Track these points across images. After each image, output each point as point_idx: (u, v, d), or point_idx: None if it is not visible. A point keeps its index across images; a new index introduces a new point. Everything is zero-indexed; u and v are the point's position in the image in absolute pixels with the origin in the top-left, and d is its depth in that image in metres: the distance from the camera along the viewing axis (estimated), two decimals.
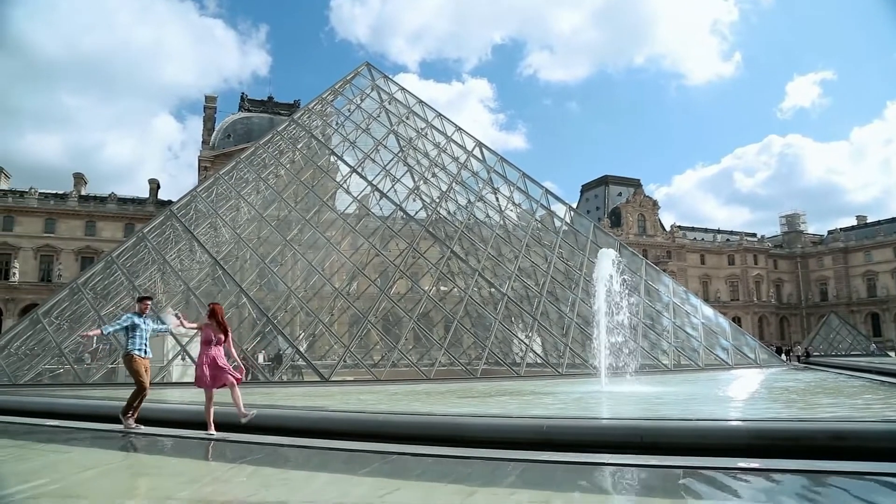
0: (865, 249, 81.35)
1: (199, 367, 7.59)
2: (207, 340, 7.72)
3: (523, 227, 27.17)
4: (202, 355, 7.62)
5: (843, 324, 63.90)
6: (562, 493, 4.72)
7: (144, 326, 8.24)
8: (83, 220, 59.04)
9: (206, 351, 7.63)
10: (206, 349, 7.64)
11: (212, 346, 7.68)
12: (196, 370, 7.71)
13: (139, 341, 8.14)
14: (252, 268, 24.74)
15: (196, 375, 7.68)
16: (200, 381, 7.57)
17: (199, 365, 7.60)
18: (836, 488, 4.72)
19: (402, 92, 31.12)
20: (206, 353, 7.61)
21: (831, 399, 12.05)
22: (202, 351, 7.66)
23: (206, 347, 7.66)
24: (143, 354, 8.19)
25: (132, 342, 8.10)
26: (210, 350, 7.64)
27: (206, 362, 7.54)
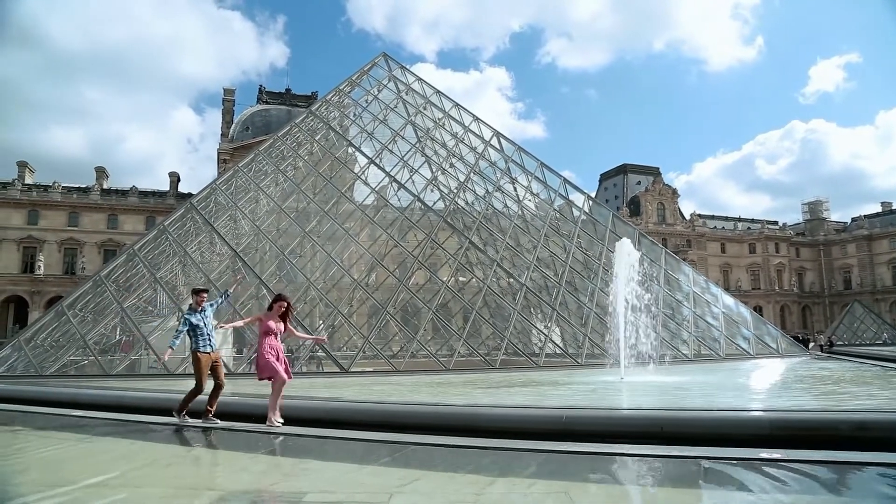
0: (891, 236, 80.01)
1: (262, 356, 7.41)
2: (268, 331, 7.53)
3: (542, 217, 27.08)
4: (264, 345, 7.45)
5: (867, 312, 63.12)
6: (581, 483, 4.71)
7: (205, 321, 8.05)
8: (105, 213, 59.75)
9: (268, 341, 7.46)
10: (267, 339, 7.47)
11: (273, 336, 7.53)
12: (259, 359, 7.49)
13: (202, 338, 7.94)
14: (271, 259, 24.91)
15: (259, 365, 7.48)
16: (265, 370, 7.40)
17: (262, 354, 7.42)
18: (859, 479, 4.66)
19: (419, 82, 31.06)
20: (270, 344, 7.45)
21: (855, 389, 11.91)
22: (263, 341, 7.49)
23: (268, 338, 7.48)
24: (210, 350, 7.97)
25: (196, 341, 7.95)
26: (274, 340, 7.51)
27: (271, 353, 7.40)
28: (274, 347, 7.47)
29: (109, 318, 20.44)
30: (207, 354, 7.89)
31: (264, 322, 7.62)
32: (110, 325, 21.45)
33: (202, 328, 7.95)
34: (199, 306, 8.08)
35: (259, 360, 7.47)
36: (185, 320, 8.01)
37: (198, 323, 7.94)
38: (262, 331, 7.55)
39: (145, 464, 5.66)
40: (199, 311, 8.05)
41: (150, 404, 9.44)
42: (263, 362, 7.38)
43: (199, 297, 8.14)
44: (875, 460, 4.92)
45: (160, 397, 9.93)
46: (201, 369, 7.81)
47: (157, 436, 7.43)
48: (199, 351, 7.86)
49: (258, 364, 7.48)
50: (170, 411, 8.12)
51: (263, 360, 7.39)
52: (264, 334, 7.51)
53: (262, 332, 7.54)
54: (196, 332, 7.92)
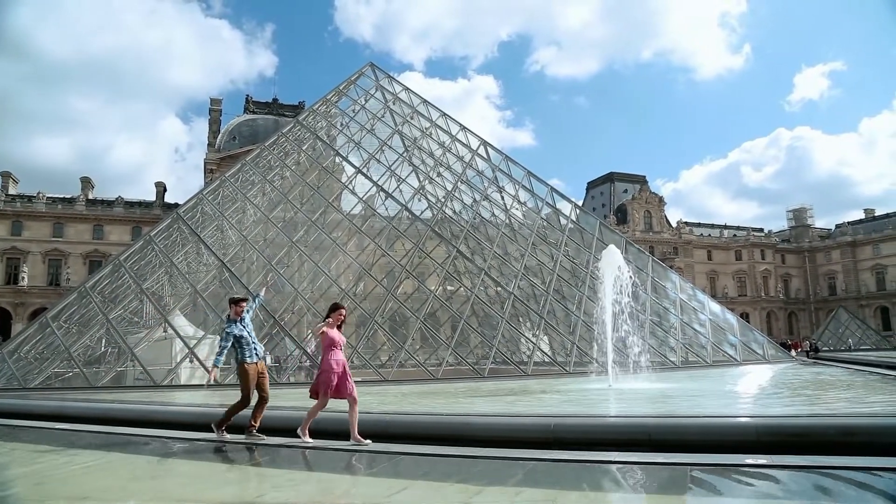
0: (874, 243, 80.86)
1: (327, 372, 6.80)
2: (332, 344, 6.98)
3: (529, 226, 27.17)
4: (328, 360, 6.86)
5: (852, 318, 63.74)
6: (568, 491, 4.72)
7: (247, 330, 7.67)
8: (91, 223, 59.34)
9: (333, 356, 6.89)
10: (332, 353, 6.91)
11: (337, 349, 7.00)
12: (321, 375, 6.87)
13: (248, 348, 7.57)
14: (259, 269, 24.80)
15: (320, 381, 6.85)
16: (324, 386, 6.79)
17: (327, 371, 6.81)
18: (844, 484, 4.69)
19: (406, 92, 31.14)
20: (335, 359, 6.88)
21: (840, 394, 12.00)
22: (327, 355, 6.91)
23: (332, 351, 6.93)
24: (255, 359, 7.58)
25: (241, 352, 7.54)
26: (338, 355, 6.95)
27: (336, 370, 6.82)
28: (340, 363, 6.91)
29: (95, 329, 20.26)
30: (254, 364, 7.53)
31: (328, 333, 7.06)
32: (95, 337, 21.28)
33: (246, 338, 7.60)
34: (239, 316, 7.72)
35: (322, 375, 6.87)
36: (228, 334, 7.56)
37: (241, 333, 7.58)
38: (327, 343, 7.00)
39: (131, 479, 5.61)
40: (239, 321, 7.68)
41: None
42: (326, 379, 6.80)
43: (239, 307, 7.78)
44: (861, 465, 4.96)
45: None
46: (249, 381, 7.41)
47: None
48: (246, 362, 7.48)
49: (320, 380, 6.88)
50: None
51: (328, 377, 6.80)
52: (329, 347, 6.98)
53: (328, 346, 6.99)
54: (241, 342, 7.56)
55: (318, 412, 6.93)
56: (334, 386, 6.78)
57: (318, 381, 6.91)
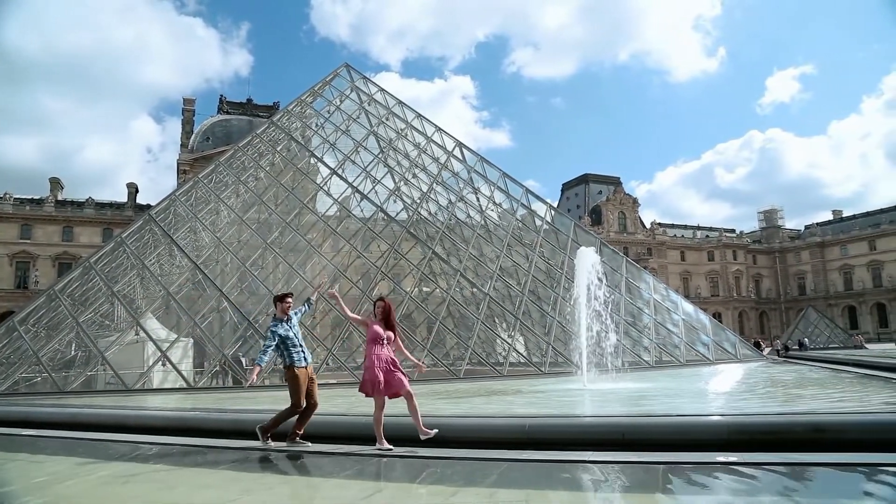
0: (841, 244, 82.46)
1: (369, 370, 6.45)
2: (375, 338, 6.60)
3: (504, 227, 27.24)
4: (371, 357, 6.50)
5: (820, 317, 64.74)
6: (543, 491, 4.74)
7: (294, 330, 7.12)
8: (60, 225, 58.26)
9: (375, 351, 6.52)
10: (374, 348, 6.54)
11: (381, 344, 6.58)
12: (367, 373, 6.49)
13: (296, 350, 7.01)
14: (233, 271, 24.58)
15: (364, 379, 6.51)
16: (370, 385, 6.43)
17: (369, 368, 6.46)
18: (814, 480, 4.77)
19: (381, 93, 31.06)
20: (377, 354, 6.50)
21: (809, 392, 12.19)
22: (370, 351, 6.55)
23: (375, 346, 6.56)
24: (304, 364, 7.02)
25: (289, 355, 6.98)
26: (381, 350, 6.55)
27: (378, 365, 6.43)
28: (382, 358, 6.51)
29: (64, 333, 19.92)
30: (304, 369, 6.98)
31: (371, 327, 6.68)
32: (65, 341, 20.92)
33: (293, 339, 7.03)
34: (285, 315, 7.16)
35: (367, 373, 6.50)
36: (273, 332, 7.01)
37: (286, 334, 7.01)
38: (370, 338, 6.63)
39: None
40: (286, 321, 7.12)
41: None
42: (371, 377, 6.43)
43: (285, 304, 7.19)
44: (830, 461, 5.05)
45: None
46: (299, 386, 6.87)
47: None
48: (296, 366, 6.92)
49: (365, 378, 6.52)
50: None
51: (373, 374, 6.42)
52: (373, 342, 6.59)
53: (371, 340, 6.61)
54: (287, 343, 6.99)
55: (381, 414, 6.47)
56: (382, 382, 6.37)
57: (363, 381, 6.55)
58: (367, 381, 6.43)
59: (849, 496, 4.27)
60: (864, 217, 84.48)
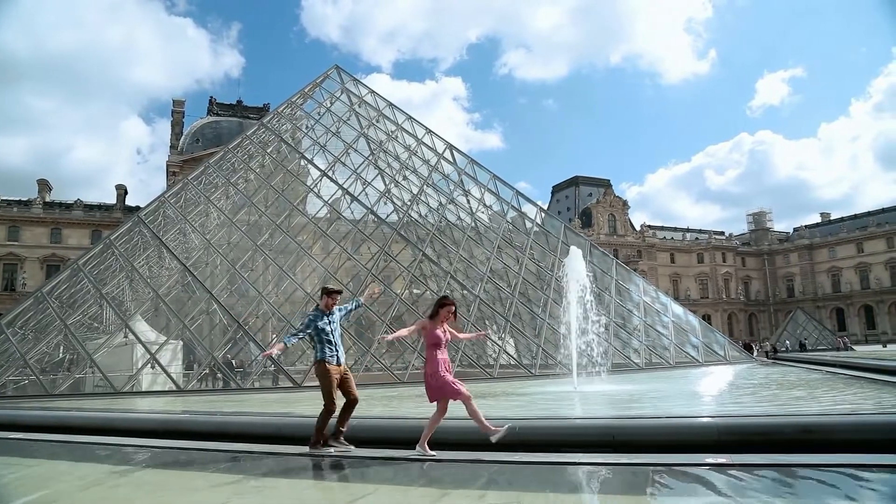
0: (829, 246, 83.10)
1: (436, 375, 6.10)
2: (437, 342, 6.26)
3: (494, 229, 27.28)
4: (435, 361, 6.16)
5: (809, 319, 65.21)
6: (533, 493, 4.74)
7: (333, 326, 6.74)
8: (48, 227, 57.88)
9: (438, 355, 6.19)
10: (436, 352, 6.21)
11: (442, 348, 6.30)
12: (433, 380, 6.12)
13: (329, 346, 6.63)
14: (222, 273, 24.51)
15: (433, 386, 6.13)
16: (441, 391, 6.10)
17: (434, 373, 6.12)
18: (803, 481, 4.80)
19: (371, 95, 31.05)
20: (441, 359, 6.18)
21: (798, 393, 12.26)
22: (432, 355, 6.21)
23: (438, 350, 6.23)
24: (337, 362, 6.64)
25: (321, 348, 6.62)
26: (443, 354, 6.26)
27: (445, 369, 6.13)
28: (446, 363, 6.22)
29: (52, 335, 19.78)
30: (336, 366, 6.61)
31: (430, 331, 6.33)
32: (53, 343, 20.78)
33: (329, 333, 6.67)
34: (328, 310, 6.80)
35: (435, 378, 6.11)
36: (310, 321, 6.70)
37: (324, 327, 6.66)
38: (430, 342, 6.29)
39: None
40: (328, 315, 6.77)
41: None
42: (440, 382, 6.07)
43: (332, 299, 6.84)
44: (818, 462, 5.07)
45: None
46: (330, 382, 6.49)
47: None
48: (327, 361, 6.56)
49: (434, 384, 6.12)
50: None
51: (441, 379, 6.07)
52: (433, 346, 6.26)
53: (431, 345, 6.28)
54: (321, 336, 6.62)
55: (439, 420, 6.19)
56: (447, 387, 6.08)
57: (433, 388, 6.16)
58: (434, 387, 6.14)
59: (837, 496, 4.30)
60: (852, 220, 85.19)
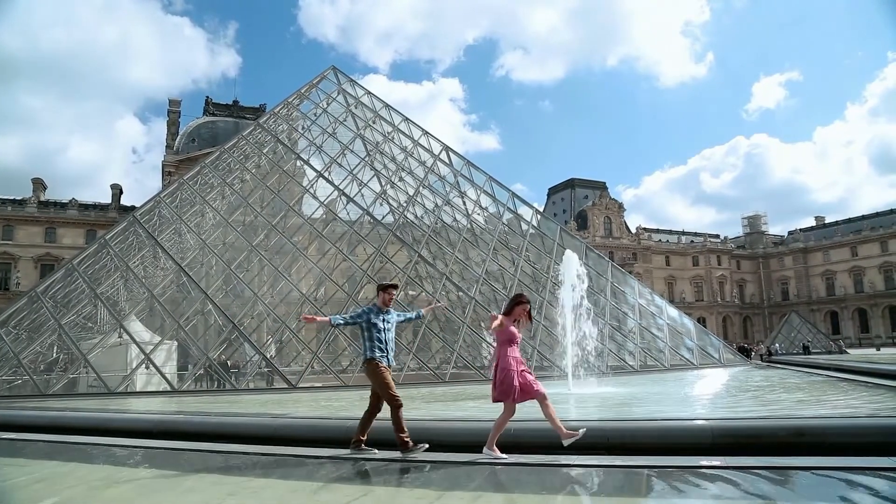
0: (824, 249, 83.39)
1: (507, 371, 5.81)
2: (510, 339, 5.98)
3: (490, 231, 27.29)
4: (506, 358, 5.86)
5: (803, 322, 65.26)
6: (527, 494, 4.74)
7: (387, 326, 6.37)
8: (42, 226, 57.65)
9: (510, 353, 5.89)
10: (508, 350, 5.90)
11: (516, 345, 6.01)
12: (503, 377, 5.83)
13: (380, 346, 6.27)
14: (218, 274, 24.47)
15: (508, 384, 5.79)
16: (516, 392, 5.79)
17: (506, 370, 5.82)
18: (796, 483, 4.82)
19: (368, 96, 31.07)
20: (514, 357, 5.89)
21: (791, 396, 12.30)
22: (504, 353, 5.89)
23: (510, 348, 5.93)
24: (388, 363, 6.31)
25: (371, 346, 6.25)
26: (516, 352, 5.96)
27: (517, 369, 5.84)
28: (519, 361, 5.93)
29: (46, 335, 19.72)
30: (386, 367, 6.27)
31: (505, 328, 6.01)
32: (47, 343, 20.71)
33: (381, 332, 6.31)
34: (385, 306, 6.46)
35: (505, 377, 5.83)
36: (364, 312, 6.35)
37: (377, 323, 6.30)
38: (504, 339, 5.97)
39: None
40: (385, 313, 6.43)
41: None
42: (508, 380, 5.81)
43: (389, 295, 6.49)
44: (812, 465, 5.10)
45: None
46: (384, 377, 6.19)
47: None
48: (377, 360, 6.22)
49: (503, 381, 5.83)
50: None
51: (509, 377, 5.81)
52: (506, 343, 5.95)
53: (504, 341, 5.97)
54: (372, 333, 6.27)
55: (507, 422, 5.93)
56: (519, 388, 5.80)
57: (505, 386, 5.84)
58: (506, 387, 5.82)
59: (829, 499, 4.32)
60: (846, 223, 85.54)
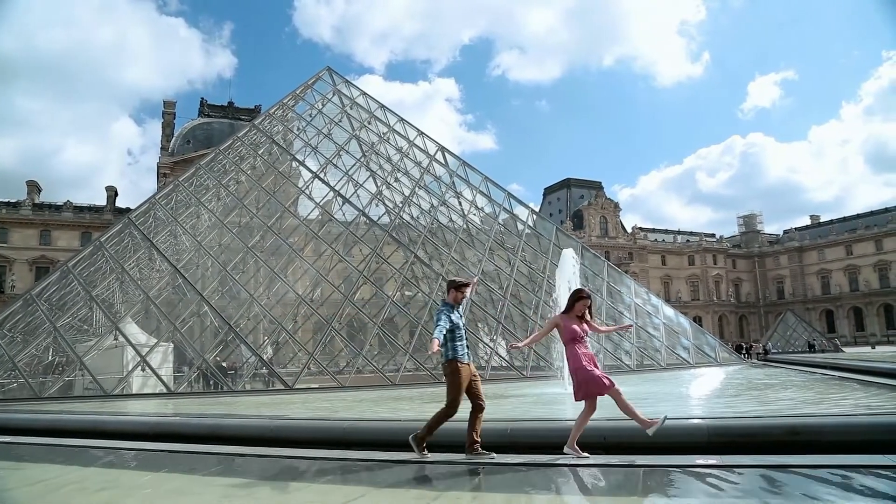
0: (819, 248, 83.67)
1: (583, 370, 5.71)
2: (574, 337, 5.88)
3: (486, 231, 27.27)
4: (577, 356, 5.77)
5: (799, 321, 65.42)
6: (524, 494, 4.75)
7: (462, 322, 6.32)
8: (37, 228, 57.50)
9: (579, 349, 5.81)
10: (576, 348, 5.83)
11: (582, 342, 5.90)
12: (578, 375, 5.75)
13: (460, 343, 6.13)
14: (213, 275, 24.41)
15: (579, 382, 5.74)
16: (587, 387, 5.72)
17: (582, 368, 5.71)
18: (792, 481, 4.83)
19: (363, 96, 31.05)
20: (584, 353, 5.80)
21: (787, 394, 12.33)
22: (573, 352, 5.82)
23: (578, 345, 5.85)
24: (467, 360, 6.14)
25: (453, 346, 6.10)
26: (584, 348, 5.86)
27: (589, 364, 5.72)
28: (589, 357, 5.82)
29: (41, 338, 19.66)
30: (467, 365, 6.11)
31: (566, 327, 5.95)
32: (42, 346, 20.65)
33: (461, 330, 6.19)
34: (457, 303, 6.32)
35: (579, 374, 5.73)
36: (446, 316, 6.12)
37: (457, 322, 6.16)
38: (568, 338, 5.91)
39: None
40: (456, 309, 6.30)
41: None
42: (588, 376, 5.68)
43: (460, 293, 6.34)
44: (807, 463, 5.11)
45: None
46: (461, 382, 6.01)
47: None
48: (459, 360, 6.05)
49: (580, 379, 5.73)
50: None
51: (587, 373, 5.68)
52: (572, 342, 5.88)
53: (569, 340, 5.90)
54: (454, 334, 6.10)
55: (588, 419, 5.80)
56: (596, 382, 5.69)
57: (583, 382, 5.74)
58: (581, 384, 5.75)
59: (826, 497, 4.33)
60: (841, 222, 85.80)
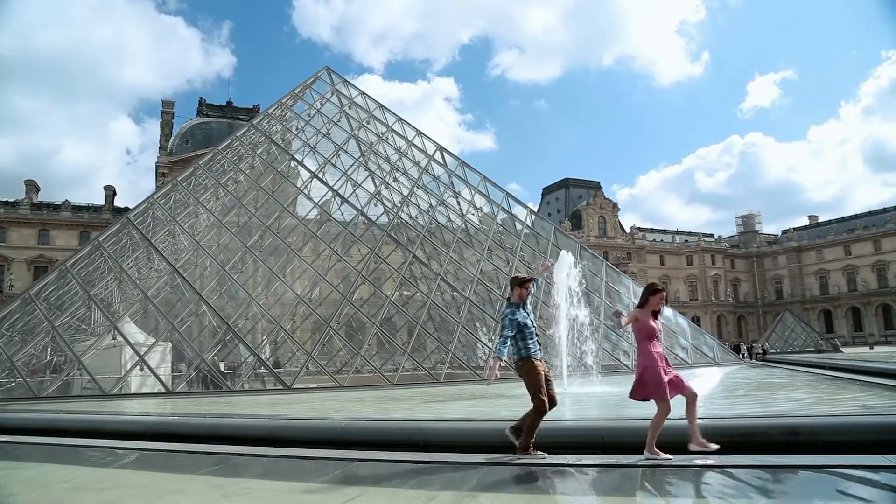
0: (817, 248, 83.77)
1: (653, 368, 5.53)
2: (650, 334, 5.70)
3: (485, 231, 27.25)
4: (650, 355, 5.57)
5: (797, 321, 65.47)
6: (524, 494, 4.75)
7: (531, 318, 6.27)
8: (36, 228, 57.49)
9: (653, 348, 5.61)
10: (650, 345, 5.63)
11: (657, 340, 5.73)
12: (651, 375, 5.54)
13: (532, 340, 6.13)
14: (212, 275, 24.40)
15: (648, 382, 5.55)
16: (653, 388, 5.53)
17: (652, 367, 5.53)
18: (789, 481, 4.84)
19: (362, 96, 31.02)
20: (658, 353, 5.61)
21: (785, 394, 12.34)
22: (646, 349, 5.62)
23: (651, 343, 5.65)
24: (540, 355, 6.13)
25: (525, 345, 6.12)
26: (658, 347, 5.67)
27: (661, 364, 5.55)
28: (662, 357, 5.63)
29: (39, 337, 19.63)
30: (541, 361, 6.11)
31: (643, 322, 5.76)
32: (40, 346, 20.62)
33: (531, 327, 6.19)
34: (521, 301, 6.30)
35: (648, 374, 5.56)
36: (512, 321, 6.09)
37: (524, 321, 6.15)
38: (645, 335, 5.71)
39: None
40: (522, 306, 6.29)
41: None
42: (658, 380, 5.49)
43: (524, 290, 6.32)
44: (805, 463, 5.12)
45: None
46: (540, 380, 5.97)
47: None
48: (533, 357, 6.05)
49: (648, 380, 5.56)
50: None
51: (659, 378, 5.49)
52: (646, 339, 5.68)
53: (644, 338, 5.71)
54: (525, 332, 6.12)
55: (663, 420, 5.59)
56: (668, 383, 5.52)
57: (643, 383, 5.61)
58: (649, 383, 5.56)
59: (822, 497, 4.34)
60: (840, 222, 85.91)
